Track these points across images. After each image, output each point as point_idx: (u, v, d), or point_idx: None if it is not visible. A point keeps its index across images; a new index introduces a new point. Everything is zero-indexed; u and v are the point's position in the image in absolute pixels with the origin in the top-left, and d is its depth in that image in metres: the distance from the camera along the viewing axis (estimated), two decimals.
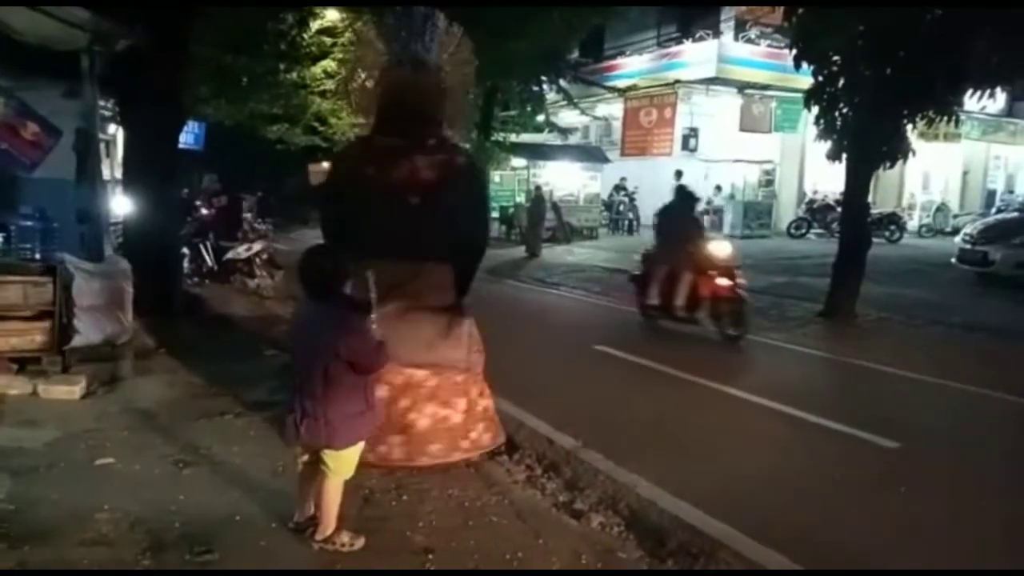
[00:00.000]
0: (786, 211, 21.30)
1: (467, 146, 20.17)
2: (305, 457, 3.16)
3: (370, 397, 3.14)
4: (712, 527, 3.60)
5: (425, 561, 3.08)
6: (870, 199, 11.11)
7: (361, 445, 3.17)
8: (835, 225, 18.33)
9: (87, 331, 5.36)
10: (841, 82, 9.08)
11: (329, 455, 3.06)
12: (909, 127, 9.05)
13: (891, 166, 9.51)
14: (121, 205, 8.41)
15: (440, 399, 4.11)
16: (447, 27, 4.54)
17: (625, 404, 5.69)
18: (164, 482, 3.70)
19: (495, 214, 22.07)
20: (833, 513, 3.91)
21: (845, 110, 9.16)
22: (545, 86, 20.65)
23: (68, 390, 4.91)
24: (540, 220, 17.86)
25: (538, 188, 18.85)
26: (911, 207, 22.53)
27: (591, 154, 22.19)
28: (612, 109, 23.21)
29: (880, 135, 9.01)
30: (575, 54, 21.88)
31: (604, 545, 3.39)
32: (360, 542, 3.13)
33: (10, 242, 5.26)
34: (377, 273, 3.94)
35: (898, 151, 9.18)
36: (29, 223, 5.24)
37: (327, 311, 3.03)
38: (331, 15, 16.83)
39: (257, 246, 10.98)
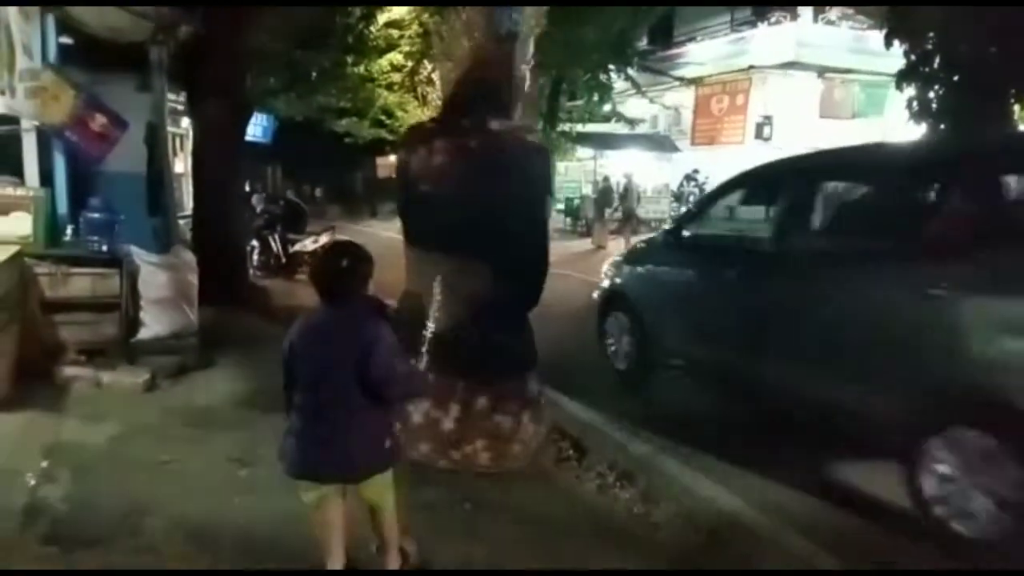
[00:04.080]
0: None
1: (533, 137, 19.98)
2: (321, 491, 2.60)
3: (393, 419, 2.72)
4: None
5: None
6: None
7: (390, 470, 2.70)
8: None
9: (153, 323, 5.36)
10: (937, 60, 8.42)
11: (372, 483, 2.62)
12: (1016, 107, 8.32)
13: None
14: (191, 197, 8.51)
15: (517, 401, 3.99)
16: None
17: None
18: (221, 483, 3.59)
19: (560, 205, 21.81)
20: None
21: (941, 91, 8.50)
22: (612, 75, 20.19)
23: (133, 383, 4.90)
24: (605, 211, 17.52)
25: (606, 179, 18.48)
26: None
27: (659, 143, 21.64)
28: (682, 98, 22.56)
29: (982, 116, 8.31)
30: (643, 41, 21.32)
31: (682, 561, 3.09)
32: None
33: (79, 234, 5.28)
34: (452, 274, 3.85)
35: None
36: (97, 215, 5.25)
37: (344, 318, 2.53)
38: (398, 8, 16.82)
39: (324, 239, 11.02)
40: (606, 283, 6.20)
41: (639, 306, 5.65)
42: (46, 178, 5.35)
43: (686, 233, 5.51)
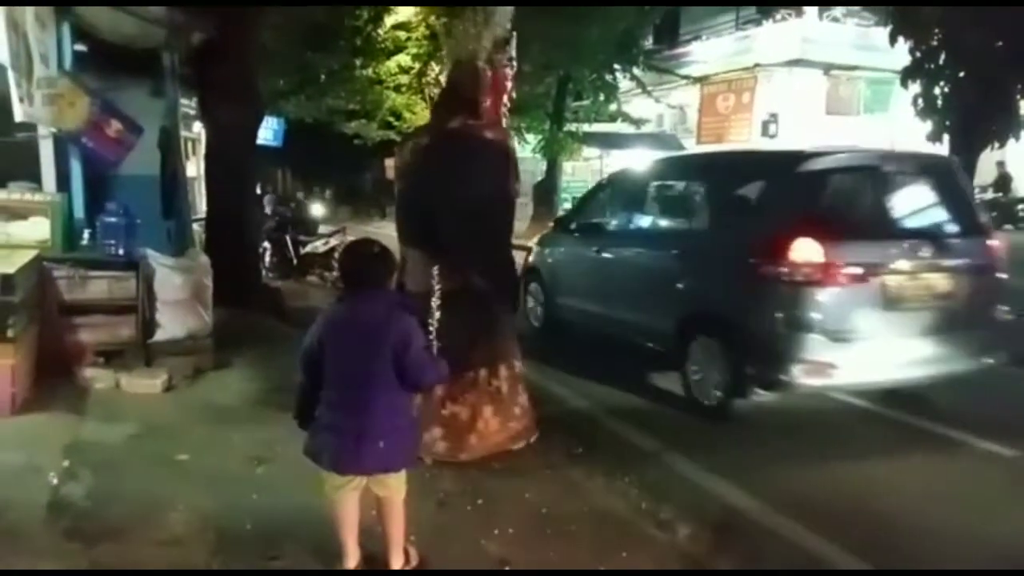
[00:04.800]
0: None
1: (539, 137, 20.08)
2: (351, 484, 2.68)
3: (412, 404, 2.78)
4: None
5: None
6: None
7: None
8: None
9: (169, 325, 5.44)
10: (943, 56, 8.43)
11: (392, 477, 2.68)
12: (1022, 103, 8.33)
13: (1000, 146, 8.79)
14: (204, 200, 8.62)
15: (522, 385, 4.33)
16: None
17: None
18: (238, 480, 3.67)
19: (567, 204, 21.81)
20: None
21: (946, 87, 8.52)
22: (618, 74, 20.19)
23: (150, 384, 4.98)
24: None
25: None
26: None
27: (666, 142, 21.59)
28: (687, 97, 22.52)
29: (988, 111, 8.32)
30: (649, 40, 21.31)
31: (691, 557, 3.16)
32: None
33: (96, 238, 5.37)
34: (446, 262, 4.03)
35: (1008, 129, 8.47)
36: (113, 219, 5.33)
37: (375, 309, 2.58)
38: (405, 10, 16.88)
39: (335, 240, 11.11)
40: (529, 261, 7.84)
41: (544, 277, 7.56)
42: (63, 183, 5.43)
43: (572, 223, 7.41)
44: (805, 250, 4.49)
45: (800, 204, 4.76)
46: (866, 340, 4.57)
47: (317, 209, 14.99)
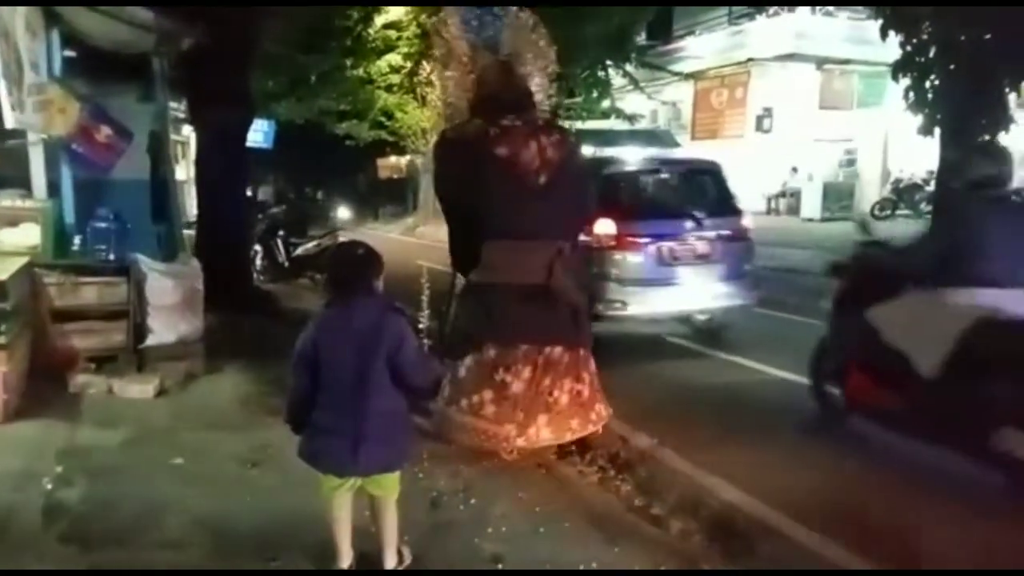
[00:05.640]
0: (869, 192, 20.25)
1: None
2: (347, 485, 2.70)
3: (406, 405, 2.76)
4: None
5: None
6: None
7: None
8: (924, 205, 17.34)
9: (160, 330, 5.44)
10: (933, 50, 8.43)
11: (388, 477, 2.72)
12: (1012, 96, 8.34)
13: (990, 139, 8.80)
14: (194, 204, 8.61)
15: (573, 374, 4.14)
16: (517, 12, 4.65)
17: None
18: (233, 482, 3.67)
19: None
20: None
21: (937, 80, 8.52)
22: (611, 71, 20.21)
23: (142, 389, 4.97)
24: None
25: None
26: None
27: (660, 139, 21.52)
28: (681, 93, 22.58)
29: (978, 105, 8.33)
30: (642, 36, 21.33)
31: (685, 554, 3.17)
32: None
33: (86, 244, 5.37)
34: (504, 253, 4.04)
35: (998, 123, 8.48)
36: (103, 224, 5.34)
37: (367, 312, 2.62)
38: (396, 9, 16.86)
39: (327, 242, 11.09)
40: None
41: None
42: (53, 189, 5.43)
43: None
44: (604, 227, 6.40)
45: (604, 196, 6.10)
46: (647, 286, 6.54)
47: (343, 212, 14.73)
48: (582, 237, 5.18)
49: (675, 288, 6.62)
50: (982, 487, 3.69)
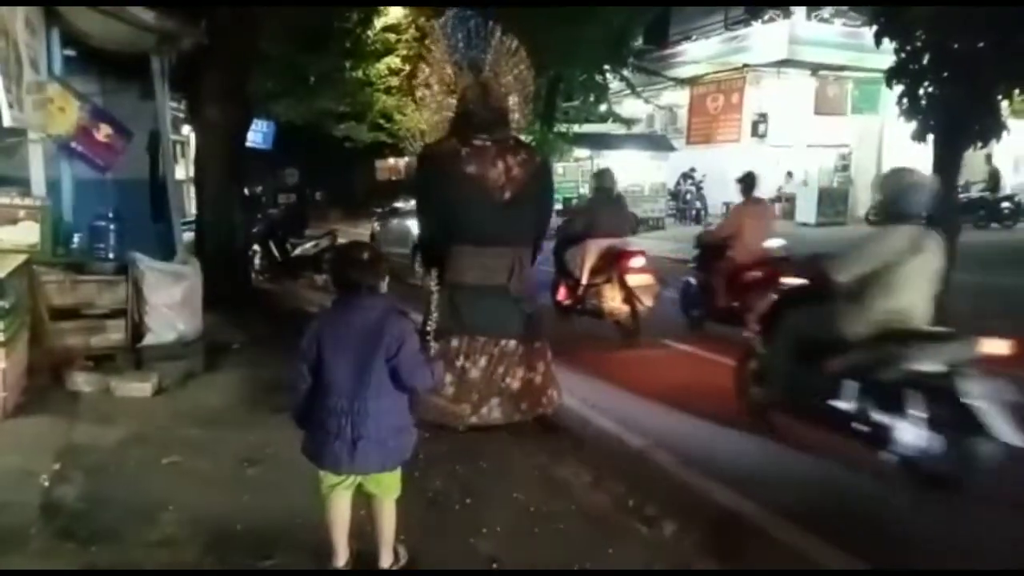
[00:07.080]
0: (863, 197, 20.32)
1: (530, 138, 20.10)
2: (346, 483, 2.74)
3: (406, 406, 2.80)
4: None
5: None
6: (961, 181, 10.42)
7: None
8: None
9: (159, 329, 5.46)
10: (927, 57, 8.51)
11: (387, 476, 2.76)
12: (1004, 103, 8.41)
13: (983, 146, 8.88)
14: (193, 204, 8.62)
15: (526, 364, 4.72)
16: (498, 33, 5.05)
17: None
18: (230, 481, 3.69)
19: (558, 206, 21.88)
20: None
21: (931, 88, 8.59)
22: (608, 75, 20.28)
23: (141, 387, 4.99)
24: None
25: None
26: None
27: (656, 143, 21.69)
28: (677, 97, 22.65)
29: (971, 112, 8.41)
30: (639, 41, 21.40)
31: (678, 555, 3.21)
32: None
33: (85, 242, 5.38)
34: (470, 258, 4.59)
35: (991, 129, 8.55)
36: (102, 223, 5.35)
37: (369, 313, 2.65)
38: (395, 12, 16.88)
39: (325, 242, 11.12)
40: None
41: None
42: (53, 187, 5.45)
43: None
44: None
45: None
46: None
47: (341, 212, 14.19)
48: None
49: None
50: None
